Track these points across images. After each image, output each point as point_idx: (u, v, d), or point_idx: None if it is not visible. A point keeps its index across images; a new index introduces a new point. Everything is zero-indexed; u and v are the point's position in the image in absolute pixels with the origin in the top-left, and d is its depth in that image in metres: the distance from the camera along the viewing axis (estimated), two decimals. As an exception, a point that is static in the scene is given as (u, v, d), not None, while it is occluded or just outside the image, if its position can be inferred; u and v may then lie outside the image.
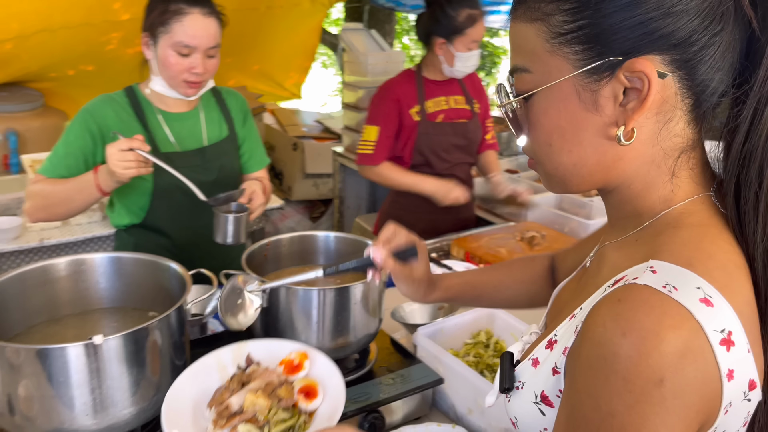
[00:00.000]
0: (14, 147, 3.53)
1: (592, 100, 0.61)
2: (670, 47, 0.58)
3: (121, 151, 1.40)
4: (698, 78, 0.59)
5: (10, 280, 1.13)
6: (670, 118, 0.61)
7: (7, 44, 3.27)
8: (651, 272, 0.57)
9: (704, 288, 0.56)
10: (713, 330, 0.54)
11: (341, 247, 1.46)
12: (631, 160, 0.63)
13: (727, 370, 0.55)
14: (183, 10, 1.51)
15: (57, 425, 1.00)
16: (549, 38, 0.62)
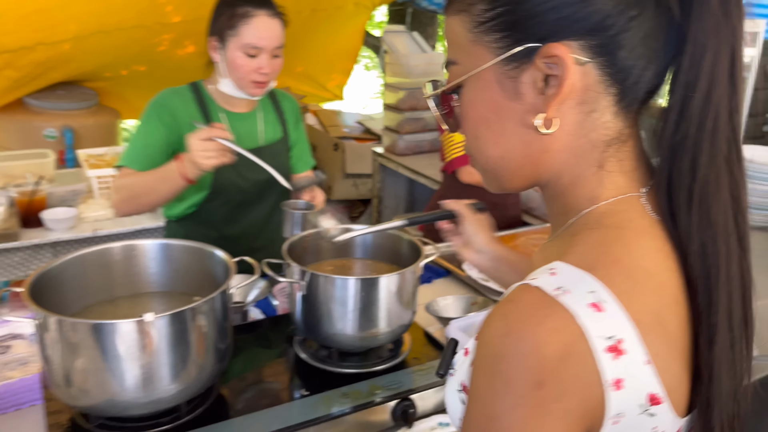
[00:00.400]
0: (70, 143, 3.70)
1: (514, 88, 0.60)
2: (585, 32, 0.56)
3: (201, 141, 1.45)
4: (619, 65, 0.57)
5: (71, 261, 1.21)
6: (594, 108, 0.59)
7: (65, 45, 3.44)
8: (549, 274, 0.56)
9: (599, 293, 0.54)
10: (598, 336, 0.52)
11: (379, 241, 1.50)
12: (558, 151, 0.61)
13: (612, 379, 0.53)
14: (250, 12, 1.58)
15: (109, 397, 1.07)
16: (471, 28, 0.61)
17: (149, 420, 1.15)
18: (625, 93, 0.59)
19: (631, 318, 0.53)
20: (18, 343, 1.42)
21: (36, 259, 2.33)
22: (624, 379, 0.53)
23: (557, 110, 0.59)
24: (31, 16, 3.13)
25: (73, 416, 1.17)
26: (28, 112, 3.77)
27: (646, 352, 0.53)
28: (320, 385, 1.28)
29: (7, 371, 1.32)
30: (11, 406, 1.26)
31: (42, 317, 1.05)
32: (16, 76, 3.49)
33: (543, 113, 0.59)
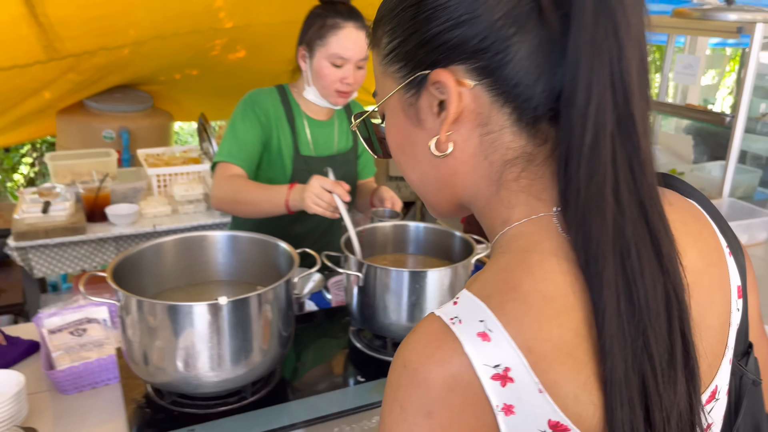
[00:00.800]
0: (126, 144, 3.86)
1: (415, 115, 0.62)
2: (468, 56, 0.57)
3: (322, 188, 1.50)
4: (506, 84, 0.57)
5: (148, 249, 1.31)
6: (491, 129, 0.59)
7: (124, 50, 3.60)
8: (453, 303, 0.56)
9: (487, 322, 0.53)
10: (484, 364, 0.52)
11: (430, 237, 1.56)
12: (466, 174, 0.62)
13: (501, 404, 0.53)
14: (339, 24, 1.65)
15: (183, 374, 1.15)
16: (380, 61, 0.64)
17: (217, 399, 1.23)
18: (521, 111, 0.58)
19: (519, 347, 0.52)
20: (93, 326, 1.52)
21: (100, 252, 2.46)
22: (515, 405, 0.53)
23: (454, 135, 0.60)
24: (93, 22, 3.29)
25: (147, 393, 1.26)
26: (87, 114, 3.95)
27: (538, 381, 0.52)
28: (375, 373, 1.34)
29: (85, 352, 1.42)
30: (88, 384, 1.36)
31: (124, 298, 1.14)
32: (79, 79, 3.67)
33: (436, 137, 0.60)
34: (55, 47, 3.32)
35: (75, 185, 2.54)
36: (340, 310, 1.63)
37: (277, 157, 1.78)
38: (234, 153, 1.71)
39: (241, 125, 1.73)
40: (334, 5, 1.69)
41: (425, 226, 1.57)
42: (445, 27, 0.57)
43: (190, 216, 2.59)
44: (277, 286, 1.19)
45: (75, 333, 1.48)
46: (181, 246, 1.36)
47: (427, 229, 1.57)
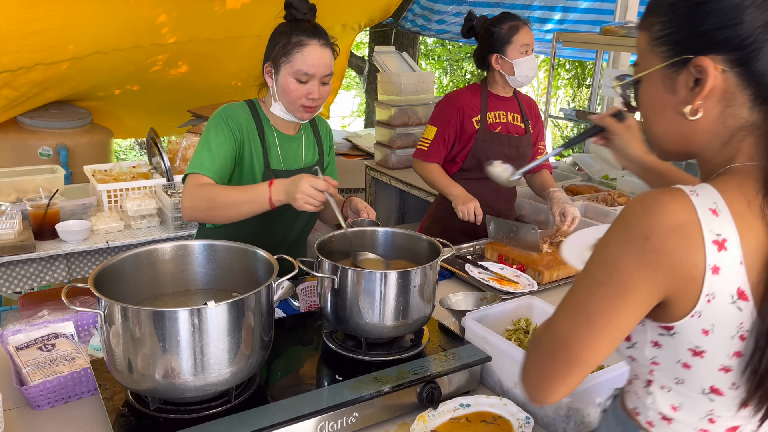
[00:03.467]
0: (64, 161, 3.76)
1: (672, 86, 0.85)
2: (727, 50, 0.79)
3: (316, 189, 1.53)
4: (754, 73, 0.79)
5: (126, 259, 1.32)
6: (732, 103, 0.81)
7: (63, 65, 3.52)
8: (691, 185, 0.79)
9: (719, 204, 0.76)
10: (710, 230, 0.75)
11: (398, 241, 1.64)
12: (703, 133, 0.85)
13: (713, 265, 0.75)
14: (303, 41, 1.70)
15: (169, 381, 1.17)
16: (649, 41, 0.87)
17: (201, 404, 1.25)
18: (759, 93, 0.80)
19: (738, 231, 0.75)
20: (61, 341, 1.51)
21: (50, 270, 2.40)
22: (721, 268, 0.75)
23: (702, 104, 0.82)
24: (31, 37, 3.21)
25: (128, 402, 1.27)
26: (22, 131, 3.82)
27: (743, 256, 0.75)
28: (352, 372, 1.39)
29: (56, 366, 1.41)
30: (62, 398, 1.35)
31: (108, 307, 1.15)
32: (14, 95, 3.56)
33: (690, 105, 0.83)
34: (-11, 62, 3.22)
35: (21, 203, 2.47)
36: (311, 315, 1.67)
37: (249, 170, 1.81)
38: (206, 165, 1.71)
39: (214, 138, 1.74)
40: (298, 23, 1.75)
41: (393, 230, 1.65)
42: (715, 26, 0.79)
43: (143, 231, 2.57)
44: (259, 290, 1.23)
45: (44, 348, 1.47)
46: (158, 256, 1.38)
47: (395, 233, 1.64)
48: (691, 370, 0.83)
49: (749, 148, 0.82)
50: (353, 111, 9.82)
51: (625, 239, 0.77)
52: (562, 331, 0.84)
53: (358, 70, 6.38)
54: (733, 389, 0.82)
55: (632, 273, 0.77)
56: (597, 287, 0.80)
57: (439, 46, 9.52)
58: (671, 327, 0.81)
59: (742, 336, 0.78)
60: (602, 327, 0.80)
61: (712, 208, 0.76)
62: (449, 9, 4.64)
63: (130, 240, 2.48)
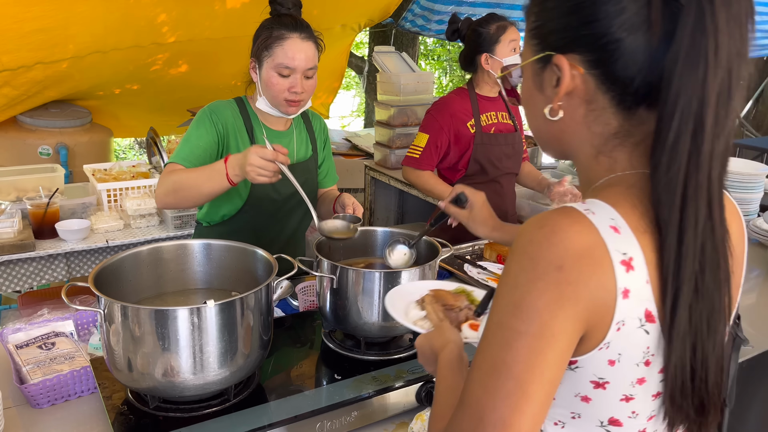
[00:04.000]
0: (64, 160, 3.76)
1: (539, 83, 0.80)
2: (585, 49, 0.73)
3: (264, 159, 1.51)
4: (612, 76, 0.72)
5: (125, 258, 1.32)
6: (594, 107, 0.75)
7: (63, 64, 3.52)
8: (581, 203, 0.72)
9: (617, 220, 0.69)
10: (616, 250, 0.67)
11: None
12: (572, 135, 0.80)
13: (623, 288, 0.67)
14: (284, 35, 1.72)
15: (169, 379, 1.17)
16: (527, 31, 0.81)
17: (200, 402, 1.26)
18: (621, 98, 0.73)
19: (640, 246, 0.68)
20: (61, 340, 1.51)
21: (50, 269, 2.40)
22: (630, 291, 0.68)
23: (565, 105, 0.77)
24: (31, 36, 3.21)
25: (127, 400, 1.27)
26: (21, 130, 3.82)
27: (647, 274, 0.69)
28: (350, 371, 1.40)
29: (56, 365, 1.41)
30: (62, 397, 1.35)
31: (108, 305, 1.16)
32: (14, 94, 3.56)
33: (550, 105, 0.78)
34: (-11, 61, 3.22)
35: (21, 201, 2.48)
36: (309, 314, 1.68)
37: None
38: (182, 155, 1.74)
39: (194, 132, 1.77)
40: (280, 17, 1.76)
41: (392, 230, 1.65)
42: (574, 24, 0.73)
43: (143, 230, 2.58)
44: (258, 290, 1.24)
45: (44, 347, 1.47)
46: (158, 255, 1.38)
47: (394, 233, 1.65)
48: (591, 403, 0.75)
49: (625, 157, 0.76)
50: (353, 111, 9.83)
51: (535, 275, 0.66)
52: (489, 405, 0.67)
53: (357, 70, 6.38)
54: (633, 418, 0.75)
55: (554, 313, 0.66)
56: (518, 339, 0.66)
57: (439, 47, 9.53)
58: (574, 361, 0.72)
59: (648, 361, 0.71)
60: (537, 387, 0.66)
61: (612, 225, 0.69)
62: (449, 9, 4.64)
63: (129, 239, 2.49)
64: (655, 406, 0.76)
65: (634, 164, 0.75)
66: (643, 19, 0.69)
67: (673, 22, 0.67)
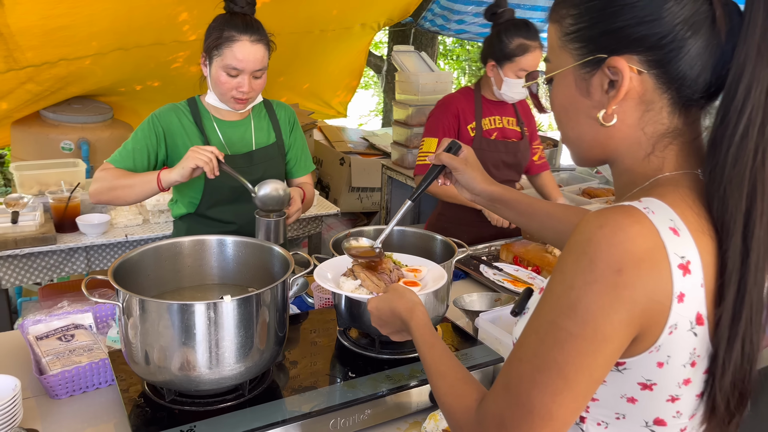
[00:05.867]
0: (86, 155, 3.81)
1: (585, 88, 0.76)
2: (644, 49, 0.70)
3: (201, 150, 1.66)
4: (671, 75, 0.70)
5: (145, 253, 1.34)
6: (651, 108, 0.73)
7: (86, 60, 3.57)
8: (638, 201, 0.69)
9: (676, 222, 0.67)
10: (674, 253, 0.66)
11: (414, 241, 1.64)
12: (621, 140, 0.76)
13: (679, 292, 0.66)
14: (234, 37, 1.74)
15: (185, 373, 1.19)
16: (561, 36, 0.77)
17: (216, 396, 1.27)
18: (679, 97, 0.72)
19: (698, 249, 0.67)
20: (80, 332, 1.53)
21: (70, 262, 2.44)
22: (686, 295, 0.66)
23: (618, 108, 0.74)
24: (55, 33, 3.25)
25: (144, 393, 1.29)
26: (44, 125, 3.88)
27: (703, 276, 0.67)
28: (364, 369, 1.40)
29: (75, 357, 1.43)
30: (80, 388, 1.37)
31: (127, 299, 1.17)
32: (37, 90, 3.61)
33: (604, 109, 0.74)
34: (14, 57, 3.27)
35: (43, 195, 2.51)
36: (325, 312, 1.69)
37: None
38: (116, 158, 1.85)
39: (134, 136, 1.87)
40: (232, 17, 1.79)
41: (408, 229, 1.65)
42: (631, 23, 0.70)
43: (161, 226, 2.60)
44: (275, 286, 1.25)
45: (63, 339, 1.49)
46: (176, 250, 1.40)
47: (409, 232, 1.65)
48: (637, 404, 0.74)
49: (674, 156, 0.74)
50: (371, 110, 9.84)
51: (594, 277, 0.65)
52: (538, 400, 0.69)
53: (376, 69, 6.39)
54: (677, 418, 0.75)
55: (609, 317, 0.65)
56: (570, 341, 0.67)
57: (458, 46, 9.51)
58: (622, 363, 0.72)
59: (693, 362, 0.71)
60: (584, 386, 0.69)
61: (671, 226, 0.67)
62: (469, 9, 4.62)
63: (148, 234, 2.52)
64: (697, 405, 0.75)
65: (681, 164, 0.74)
66: (706, 16, 0.68)
67: (738, 15, 0.67)
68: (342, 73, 5.09)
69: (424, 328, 0.96)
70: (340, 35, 4.47)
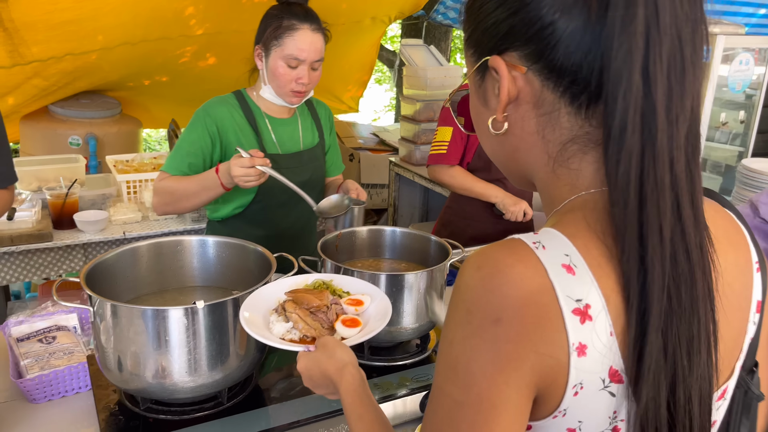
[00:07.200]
0: (93, 150, 3.80)
1: (483, 96, 0.69)
2: (520, 43, 0.62)
3: (244, 168, 1.57)
4: (556, 67, 0.60)
5: (123, 253, 1.29)
6: (546, 110, 0.63)
7: (92, 55, 3.54)
8: (533, 233, 0.59)
9: (573, 257, 0.55)
10: (567, 296, 0.54)
11: (406, 242, 1.57)
12: (527, 150, 0.67)
13: (577, 343, 0.54)
14: (295, 26, 1.68)
15: (159, 381, 1.13)
16: (464, 45, 0.70)
17: (193, 405, 1.22)
18: (572, 92, 0.61)
19: (600, 289, 0.55)
20: (63, 334, 1.49)
21: (67, 260, 2.41)
22: (588, 346, 0.54)
23: (514, 114, 0.65)
24: (60, 27, 3.23)
25: (120, 401, 1.24)
26: (52, 120, 3.87)
27: (611, 323, 0.55)
28: (352, 377, 1.34)
29: (54, 360, 1.39)
30: (59, 393, 1.33)
31: (98, 303, 1.12)
32: (44, 85, 3.60)
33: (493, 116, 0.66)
34: (20, 52, 3.25)
35: (41, 191, 2.49)
36: (316, 315, 1.63)
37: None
38: (172, 165, 1.77)
39: (187, 136, 1.78)
40: (290, 6, 1.72)
41: (401, 230, 1.59)
42: (501, 17, 0.62)
43: (160, 223, 2.56)
44: (254, 290, 1.19)
45: (44, 341, 1.45)
46: (155, 251, 1.35)
47: (402, 233, 1.58)
48: None
49: (587, 168, 0.62)
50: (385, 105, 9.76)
51: (470, 331, 0.55)
52: None
53: (389, 64, 6.32)
54: None
55: (492, 378, 0.54)
56: (457, 410, 0.56)
57: (474, 41, 9.38)
58: (529, 427, 0.60)
59: (616, 428, 0.58)
60: None
61: (565, 263, 0.55)
62: (482, 2, 4.54)
63: (146, 231, 2.48)
64: None
65: (599, 179, 0.61)
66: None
67: None
68: (353, 67, 5.02)
69: (353, 394, 0.85)
70: (350, 29, 4.40)
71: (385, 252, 1.58)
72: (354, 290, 1.20)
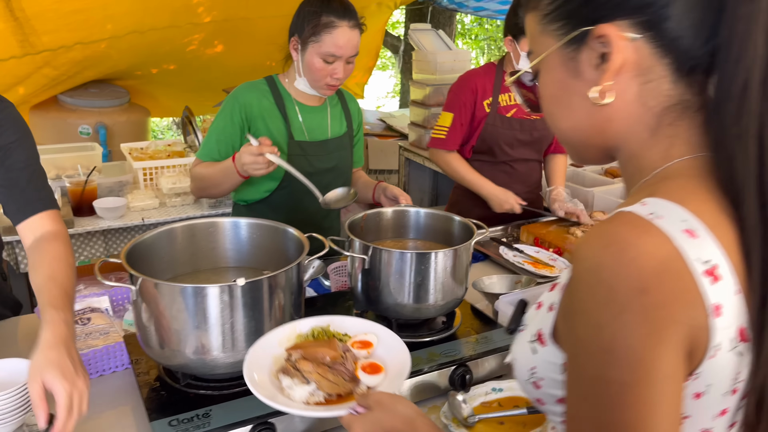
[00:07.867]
0: (103, 139, 3.82)
1: (575, 68, 0.67)
2: (631, 11, 0.62)
3: (253, 155, 1.61)
4: (667, 36, 0.62)
5: (158, 236, 1.32)
6: (651, 78, 0.64)
7: (101, 44, 3.55)
8: (640, 205, 0.59)
9: (690, 221, 0.56)
10: (696, 259, 0.55)
11: (430, 222, 1.60)
12: (621, 120, 0.67)
13: (714, 304, 0.55)
14: (334, 23, 1.69)
15: (200, 357, 1.17)
16: (539, 20, 0.70)
17: (230, 381, 1.25)
18: (680, 62, 0.63)
19: (723, 248, 0.57)
20: (96, 315, 1.53)
21: (88, 246, 2.44)
22: (723, 306, 0.56)
23: (614, 83, 0.65)
24: (70, 16, 3.24)
25: (159, 377, 1.28)
26: (62, 110, 3.89)
27: (737, 281, 0.56)
28: (381, 353, 1.37)
29: (91, 340, 1.43)
30: (96, 371, 1.37)
31: (141, 282, 1.16)
32: (54, 74, 3.61)
33: (599, 86, 0.65)
34: (30, 42, 3.27)
35: (60, 179, 2.52)
36: (341, 294, 1.66)
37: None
38: (204, 151, 1.85)
39: (217, 123, 1.83)
40: (329, 1, 1.72)
41: (425, 211, 1.62)
42: None
43: (178, 209, 2.60)
44: (289, 269, 1.22)
45: (80, 322, 1.49)
46: (189, 233, 1.38)
47: (426, 214, 1.61)
48: None
49: (685, 134, 0.64)
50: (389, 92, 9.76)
51: (618, 308, 0.54)
52: None
53: (393, 49, 6.32)
54: None
55: (655, 349, 0.54)
56: (626, 393, 0.55)
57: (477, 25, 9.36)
58: None
59: (735, 390, 0.59)
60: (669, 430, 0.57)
61: (685, 228, 0.56)
62: (487, -14, 4.53)
63: (164, 217, 2.51)
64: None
65: (694, 145, 0.64)
66: None
67: None
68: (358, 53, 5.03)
69: None
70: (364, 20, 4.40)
71: (409, 232, 1.61)
72: (353, 331, 1.16)
